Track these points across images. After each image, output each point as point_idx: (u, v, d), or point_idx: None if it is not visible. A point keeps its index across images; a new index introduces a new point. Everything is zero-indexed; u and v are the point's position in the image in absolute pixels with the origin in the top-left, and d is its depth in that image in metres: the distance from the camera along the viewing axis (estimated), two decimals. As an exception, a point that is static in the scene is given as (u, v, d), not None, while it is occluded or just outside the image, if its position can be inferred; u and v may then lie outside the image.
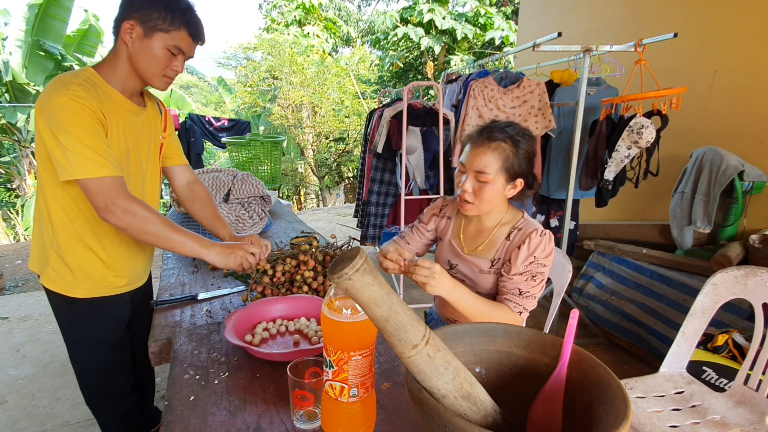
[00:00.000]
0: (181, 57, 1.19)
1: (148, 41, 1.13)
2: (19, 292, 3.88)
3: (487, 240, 1.24)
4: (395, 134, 2.78)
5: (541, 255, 1.14)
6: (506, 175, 1.14)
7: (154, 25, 1.11)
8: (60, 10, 6.57)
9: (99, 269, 1.25)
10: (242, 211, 2.04)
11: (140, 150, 1.29)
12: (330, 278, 0.51)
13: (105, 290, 1.28)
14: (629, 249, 2.69)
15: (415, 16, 11.17)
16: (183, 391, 0.84)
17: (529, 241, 1.14)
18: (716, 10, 2.74)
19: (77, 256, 1.21)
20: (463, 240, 1.29)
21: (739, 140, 2.62)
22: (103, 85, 1.16)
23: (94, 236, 1.22)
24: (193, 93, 17.81)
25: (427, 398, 0.54)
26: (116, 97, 1.18)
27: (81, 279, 1.23)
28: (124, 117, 1.20)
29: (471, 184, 1.16)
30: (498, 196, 1.16)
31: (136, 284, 1.39)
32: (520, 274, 1.14)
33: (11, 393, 2.23)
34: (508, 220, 1.23)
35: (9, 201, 8.99)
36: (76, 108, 1.05)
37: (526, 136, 1.16)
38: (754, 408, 1.29)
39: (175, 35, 1.14)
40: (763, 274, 1.34)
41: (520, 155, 1.14)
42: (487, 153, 1.13)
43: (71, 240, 1.20)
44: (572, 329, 0.64)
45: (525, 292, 1.14)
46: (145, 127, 1.30)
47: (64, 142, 1.04)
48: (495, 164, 1.13)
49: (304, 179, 11.90)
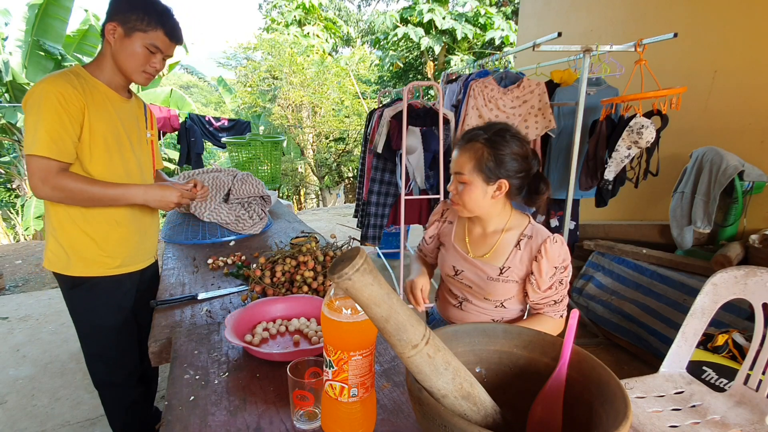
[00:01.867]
0: (159, 55, 1.31)
1: (128, 40, 1.26)
2: (19, 292, 3.88)
3: (494, 246, 1.22)
4: (395, 134, 2.78)
5: (562, 263, 1.16)
6: (482, 175, 1.13)
7: (133, 26, 1.25)
8: (60, 10, 6.57)
9: (91, 249, 1.35)
10: (242, 211, 2.04)
11: (132, 137, 1.41)
12: (330, 278, 0.51)
13: (100, 270, 1.37)
14: (629, 249, 2.69)
15: (415, 16, 11.17)
16: (183, 391, 0.84)
17: (546, 252, 1.14)
18: (716, 10, 2.74)
19: (70, 237, 1.33)
20: (468, 244, 1.28)
21: (739, 140, 2.62)
22: (90, 78, 1.29)
23: (83, 218, 1.32)
24: (193, 93, 17.82)
25: (427, 398, 0.54)
26: (101, 88, 1.31)
27: (74, 259, 1.34)
28: (112, 105, 1.33)
29: (454, 186, 1.20)
30: (479, 197, 1.15)
31: (132, 267, 1.46)
32: (549, 288, 1.17)
33: (11, 393, 2.23)
34: (513, 225, 1.22)
35: (9, 201, 9.00)
36: (47, 93, 1.18)
37: (507, 137, 1.13)
38: (754, 408, 1.29)
39: (152, 35, 1.27)
40: (763, 274, 1.34)
41: (500, 156, 1.12)
42: (462, 154, 1.15)
43: (64, 221, 1.32)
44: (572, 329, 0.64)
45: (559, 300, 1.19)
46: (132, 117, 1.43)
47: (28, 122, 1.18)
48: (469, 165, 1.14)
49: (304, 179, 11.91)
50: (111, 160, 1.33)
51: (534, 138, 2.60)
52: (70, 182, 1.22)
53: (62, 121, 1.19)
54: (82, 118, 1.24)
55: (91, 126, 1.26)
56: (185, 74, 19.08)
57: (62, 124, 1.19)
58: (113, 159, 1.33)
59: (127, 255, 1.43)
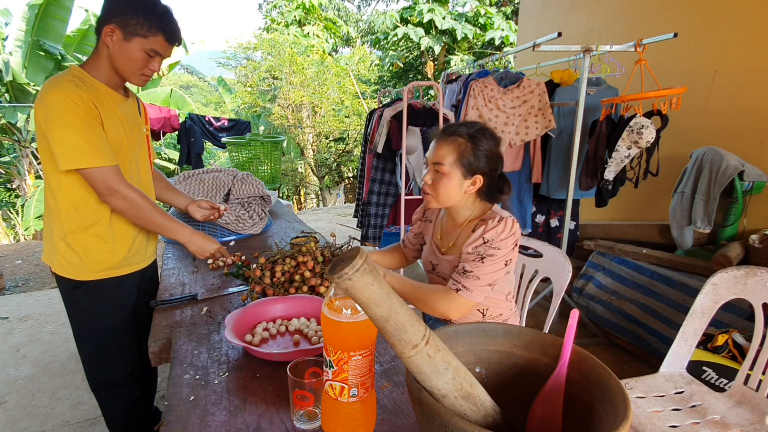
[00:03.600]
0: (158, 58, 1.30)
1: (127, 44, 1.24)
2: (19, 292, 3.88)
3: (458, 236, 1.27)
4: (395, 134, 2.78)
5: (494, 238, 1.15)
6: (462, 169, 1.17)
7: (132, 30, 1.22)
8: (60, 10, 6.57)
9: (105, 253, 1.35)
10: (242, 211, 2.04)
11: (132, 136, 1.40)
12: (330, 278, 0.51)
13: (109, 272, 1.37)
14: (629, 249, 2.69)
15: (415, 16, 11.17)
16: (183, 391, 0.84)
17: (485, 226, 1.17)
18: (716, 10, 2.74)
19: (83, 241, 1.32)
20: (440, 240, 1.34)
21: (739, 140, 2.61)
22: (90, 80, 1.27)
23: (97, 221, 1.32)
24: (193, 93, 17.82)
25: (427, 398, 0.54)
26: (103, 89, 1.29)
27: (88, 262, 1.33)
28: (114, 106, 1.32)
29: (431, 176, 1.22)
30: (455, 189, 1.19)
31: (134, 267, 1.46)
32: (468, 254, 1.17)
33: (11, 393, 2.23)
34: (477, 214, 1.26)
35: (9, 201, 8.99)
36: (70, 103, 1.16)
37: (487, 135, 1.19)
38: (754, 408, 1.29)
39: (152, 40, 1.25)
40: (763, 274, 1.34)
41: (479, 152, 1.17)
42: (444, 146, 1.18)
43: (76, 226, 1.30)
44: (572, 329, 0.64)
45: (468, 271, 1.15)
46: (131, 115, 1.43)
47: (61, 135, 1.16)
48: (450, 157, 1.17)
49: (304, 179, 11.91)
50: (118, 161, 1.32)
51: (534, 138, 2.60)
52: (137, 197, 1.26)
53: (92, 125, 1.20)
54: (100, 119, 1.24)
55: (105, 128, 1.26)
56: (185, 74, 19.08)
57: (94, 128, 1.20)
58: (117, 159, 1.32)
59: (132, 256, 1.43)
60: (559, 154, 2.72)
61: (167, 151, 9.05)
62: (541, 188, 2.84)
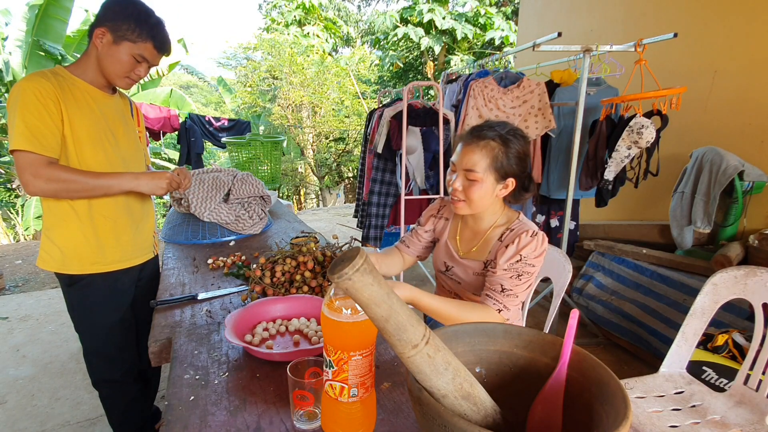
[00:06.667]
0: (145, 64, 1.33)
1: (116, 47, 1.27)
2: (19, 292, 3.88)
3: (481, 242, 1.23)
4: (395, 134, 2.78)
5: (529, 255, 1.11)
6: (495, 174, 1.13)
7: (123, 35, 1.26)
8: (60, 10, 6.57)
9: (84, 246, 1.36)
10: (242, 211, 2.04)
11: (117, 132, 1.40)
12: (330, 278, 0.51)
13: (95, 267, 1.37)
14: (629, 249, 2.69)
15: (415, 16, 11.17)
16: (183, 391, 0.84)
17: (519, 240, 1.13)
18: (716, 10, 2.74)
19: (62, 235, 1.33)
20: (459, 242, 1.29)
21: (739, 140, 2.61)
22: (69, 76, 1.29)
23: (75, 214, 1.33)
24: (193, 93, 17.82)
25: (427, 398, 0.54)
26: (82, 86, 1.31)
27: (69, 256, 1.34)
28: (94, 101, 1.33)
29: (461, 182, 1.17)
30: (488, 195, 1.15)
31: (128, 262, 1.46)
32: (504, 270, 1.12)
33: (11, 393, 2.23)
34: (503, 221, 1.22)
35: (9, 201, 8.99)
36: (27, 92, 1.19)
37: (517, 136, 1.14)
38: (754, 408, 1.29)
39: (141, 46, 1.28)
40: (763, 274, 1.34)
41: (511, 155, 1.12)
42: (476, 151, 1.13)
43: (58, 220, 1.33)
44: (572, 329, 0.63)
45: (507, 289, 1.11)
46: (117, 112, 1.43)
47: (11, 120, 1.20)
48: (483, 162, 1.12)
49: (304, 179, 11.90)
50: (97, 155, 1.33)
51: (534, 138, 2.60)
52: (62, 173, 1.23)
53: (41, 115, 1.20)
54: (60, 113, 1.24)
55: (71, 122, 1.26)
56: (185, 74, 19.07)
57: (41, 118, 1.20)
58: (98, 154, 1.33)
59: (121, 250, 1.43)
60: (559, 154, 2.72)
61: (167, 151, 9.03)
62: (541, 188, 2.84)
